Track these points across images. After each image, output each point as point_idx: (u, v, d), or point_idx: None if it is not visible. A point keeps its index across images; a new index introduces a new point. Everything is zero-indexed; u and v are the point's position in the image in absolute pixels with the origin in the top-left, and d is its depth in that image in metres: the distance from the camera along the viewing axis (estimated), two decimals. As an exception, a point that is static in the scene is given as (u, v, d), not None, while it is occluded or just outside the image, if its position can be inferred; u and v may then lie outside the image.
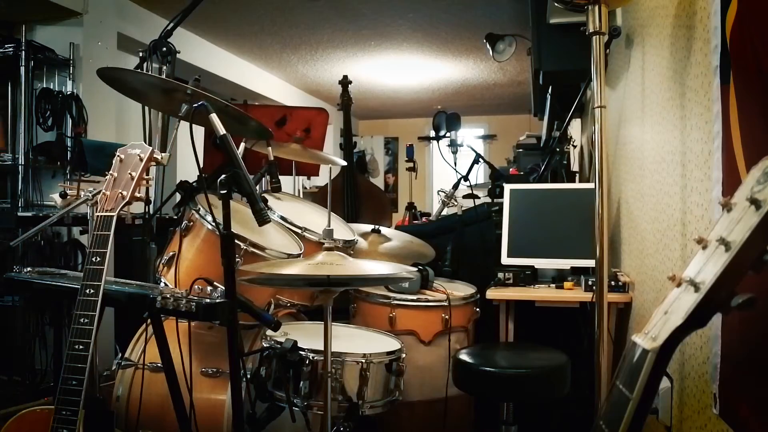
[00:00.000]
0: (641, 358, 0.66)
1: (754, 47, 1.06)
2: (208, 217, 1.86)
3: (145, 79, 1.90)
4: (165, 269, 1.94)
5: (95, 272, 1.43)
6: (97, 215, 1.48)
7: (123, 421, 1.95)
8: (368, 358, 1.74)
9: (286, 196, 2.50)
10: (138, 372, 1.95)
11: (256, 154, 2.55)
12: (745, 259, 0.60)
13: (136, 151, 1.53)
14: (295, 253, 1.98)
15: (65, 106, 3.77)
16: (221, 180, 1.42)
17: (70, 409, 1.36)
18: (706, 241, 0.65)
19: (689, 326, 0.64)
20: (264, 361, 1.77)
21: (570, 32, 2.78)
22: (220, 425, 1.88)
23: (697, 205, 1.40)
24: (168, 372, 1.68)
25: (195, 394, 1.76)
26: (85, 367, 1.37)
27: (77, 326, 1.39)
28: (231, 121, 1.88)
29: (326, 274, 1.55)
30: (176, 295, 1.52)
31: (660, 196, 1.80)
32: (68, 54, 3.86)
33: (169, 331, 1.72)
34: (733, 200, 0.64)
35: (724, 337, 1.18)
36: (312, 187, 6.93)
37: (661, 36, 1.79)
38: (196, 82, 1.74)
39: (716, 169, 1.22)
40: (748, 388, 1.09)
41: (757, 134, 1.06)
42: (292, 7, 4.78)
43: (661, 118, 1.80)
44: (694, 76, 1.44)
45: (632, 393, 0.65)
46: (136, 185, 1.50)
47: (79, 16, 3.92)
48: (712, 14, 1.26)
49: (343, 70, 6.11)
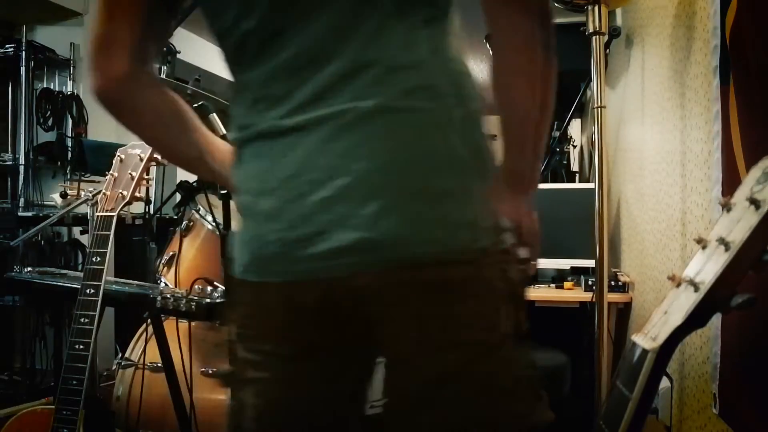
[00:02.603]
0: (641, 358, 0.66)
1: (753, 47, 1.06)
2: (208, 217, 1.86)
3: (146, 79, 1.90)
4: (165, 269, 1.94)
5: (95, 272, 1.43)
6: (97, 215, 1.48)
7: (123, 421, 1.94)
8: (368, 358, 1.74)
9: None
10: (138, 372, 1.95)
11: (256, 154, 2.55)
12: (745, 259, 0.60)
13: (136, 151, 1.53)
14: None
15: (65, 106, 3.77)
16: (221, 180, 1.42)
17: (70, 409, 1.36)
18: (706, 241, 0.65)
19: (689, 326, 0.64)
20: (264, 361, 1.77)
21: (570, 32, 2.78)
22: (220, 425, 1.88)
23: (697, 205, 1.40)
24: (168, 372, 1.68)
25: (195, 394, 1.76)
26: (85, 367, 1.37)
27: (77, 326, 1.40)
28: (231, 121, 1.88)
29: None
30: (176, 295, 1.53)
31: (660, 196, 1.80)
32: (69, 54, 3.86)
33: (169, 331, 1.72)
34: (733, 200, 0.64)
35: (724, 337, 1.18)
36: (312, 187, 6.92)
37: (661, 36, 1.79)
38: (196, 82, 1.74)
39: (716, 169, 1.22)
40: (748, 388, 1.09)
41: (757, 134, 1.06)
42: (293, 7, 4.77)
43: (661, 118, 1.80)
44: (694, 76, 1.44)
45: (632, 393, 0.66)
46: (136, 185, 1.50)
47: (79, 17, 3.91)
48: (712, 14, 1.26)
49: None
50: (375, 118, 0.75)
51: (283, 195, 0.77)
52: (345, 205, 0.74)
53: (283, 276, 0.78)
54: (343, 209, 0.74)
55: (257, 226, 0.80)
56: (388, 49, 0.76)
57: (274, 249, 0.78)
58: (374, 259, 0.74)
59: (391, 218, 0.73)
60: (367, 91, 0.75)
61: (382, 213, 0.73)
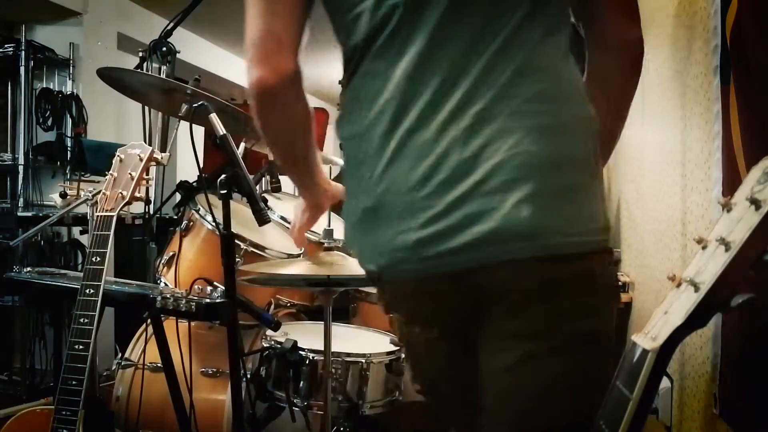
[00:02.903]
0: (641, 358, 0.66)
1: (754, 47, 1.06)
2: (208, 217, 1.86)
3: (145, 79, 1.91)
4: (165, 269, 1.94)
5: (95, 272, 1.43)
6: (97, 215, 1.48)
7: (123, 421, 1.95)
8: (368, 358, 1.74)
9: (286, 196, 2.50)
10: (138, 372, 1.95)
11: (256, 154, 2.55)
12: (745, 259, 0.60)
13: (136, 151, 1.53)
14: (295, 253, 1.98)
15: (65, 106, 3.77)
16: (221, 180, 1.42)
17: (70, 409, 1.36)
18: (706, 241, 0.65)
19: (689, 326, 0.64)
20: (264, 361, 1.77)
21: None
22: (220, 425, 1.88)
23: (697, 205, 1.40)
24: (168, 372, 1.68)
25: (195, 394, 1.76)
26: (85, 367, 1.37)
27: (77, 326, 1.39)
28: (231, 121, 1.88)
29: (326, 274, 1.55)
30: (176, 295, 1.52)
31: (660, 196, 1.80)
32: (68, 54, 3.86)
33: (169, 331, 1.72)
34: (733, 200, 0.64)
35: (724, 337, 1.18)
36: (312, 187, 6.92)
37: (661, 36, 1.79)
38: (196, 82, 1.74)
39: (716, 169, 1.22)
40: (748, 388, 1.09)
41: (757, 134, 1.06)
42: (292, 7, 4.77)
43: (661, 118, 1.80)
44: (694, 76, 1.44)
45: (632, 393, 0.65)
46: (136, 185, 1.49)
47: (79, 16, 3.92)
48: (712, 14, 1.26)
49: (342, 70, 6.09)
50: (512, 118, 0.81)
51: (424, 191, 0.83)
52: (485, 200, 0.80)
53: (425, 270, 0.85)
54: (483, 203, 0.80)
55: (395, 224, 0.86)
56: (527, 51, 0.84)
57: (415, 245, 0.84)
58: (514, 249, 0.80)
59: (530, 212, 0.79)
60: (505, 91, 0.82)
61: (521, 207, 0.79)
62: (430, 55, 0.84)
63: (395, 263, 0.87)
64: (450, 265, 0.82)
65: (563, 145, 0.83)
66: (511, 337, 0.85)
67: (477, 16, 0.83)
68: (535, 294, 0.82)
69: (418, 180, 0.83)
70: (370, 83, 0.89)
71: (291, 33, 0.91)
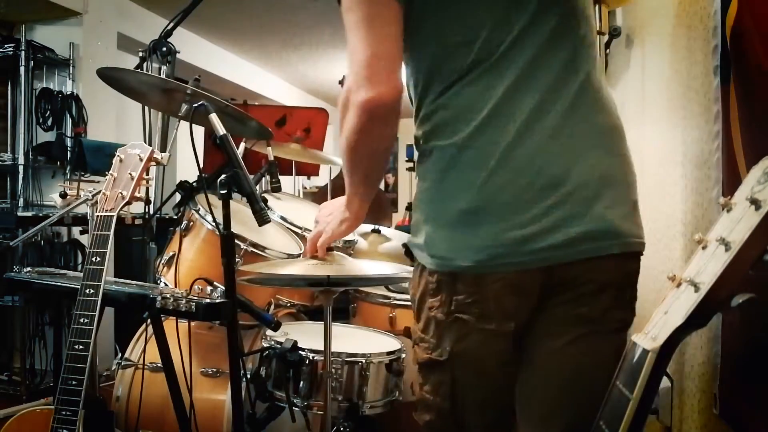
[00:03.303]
0: (641, 358, 0.66)
1: (753, 47, 1.06)
2: (208, 217, 1.86)
3: (145, 79, 1.90)
4: (165, 269, 1.94)
5: (95, 272, 1.43)
6: (97, 215, 1.48)
7: (123, 421, 1.94)
8: (368, 358, 1.74)
9: (286, 196, 2.50)
10: (138, 372, 1.95)
11: (256, 154, 2.55)
12: (745, 259, 0.60)
13: (136, 151, 1.52)
14: (295, 253, 1.97)
15: (65, 106, 3.77)
16: (221, 180, 1.42)
17: (70, 409, 1.36)
18: (706, 241, 0.65)
19: (689, 326, 0.64)
20: (264, 361, 1.77)
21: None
22: (220, 425, 1.88)
23: (697, 205, 1.40)
24: (168, 372, 1.68)
25: (195, 394, 1.76)
26: (85, 367, 1.37)
27: (77, 326, 1.39)
28: (231, 121, 1.88)
29: (326, 274, 1.55)
30: (176, 295, 1.52)
31: (660, 196, 1.80)
32: (68, 54, 3.86)
33: (169, 331, 1.71)
34: (733, 200, 0.64)
35: (724, 337, 1.18)
36: (312, 187, 6.92)
37: (661, 36, 1.79)
38: (196, 82, 1.74)
39: (716, 169, 1.22)
40: (749, 388, 1.09)
41: (757, 134, 1.06)
42: (292, 7, 4.77)
43: (661, 118, 1.79)
44: (694, 76, 1.44)
45: (632, 393, 0.66)
46: (136, 185, 1.49)
47: (78, 16, 3.92)
48: (712, 14, 1.26)
49: (343, 70, 6.06)
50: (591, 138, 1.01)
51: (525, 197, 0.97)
52: (578, 206, 0.97)
53: (527, 264, 0.97)
54: (576, 209, 0.96)
55: (498, 223, 0.97)
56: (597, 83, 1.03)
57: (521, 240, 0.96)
58: (604, 246, 0.97)
59: (613, 217, 0.98)
60: (586, 117, 1.00)
61: (606, 212, 0.97)
62: (528, 78, 0.98)
63: (496, 257, 0.97)
64: (551, 259, 0.96)
65: (627, 158, 1.07)
66: (573, 322, 1.00)
67: (566, 50, 1.00)
68: (610, 284, 0.99)
69: (521, 187, 0.96)
70: (468, 99, 1.00)
71: (399, 55, 1.01)
